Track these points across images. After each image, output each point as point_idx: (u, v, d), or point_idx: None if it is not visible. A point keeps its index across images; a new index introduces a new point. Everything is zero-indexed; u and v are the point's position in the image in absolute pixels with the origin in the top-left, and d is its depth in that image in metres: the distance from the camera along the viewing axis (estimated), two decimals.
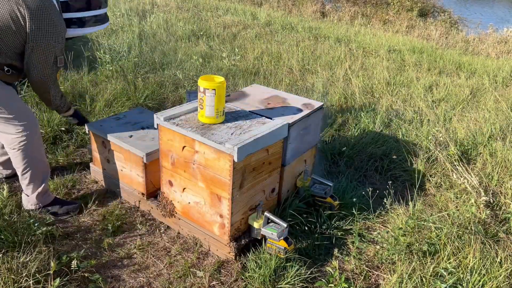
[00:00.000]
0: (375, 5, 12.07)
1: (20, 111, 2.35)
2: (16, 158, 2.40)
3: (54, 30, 2.21)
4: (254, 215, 2.31)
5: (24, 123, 2.34)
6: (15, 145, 2.36)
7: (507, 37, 9.44)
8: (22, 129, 2.33)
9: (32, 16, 2.14)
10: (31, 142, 2.38)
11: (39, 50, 2.21)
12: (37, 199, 2.48)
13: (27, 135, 2.35)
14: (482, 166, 3.46)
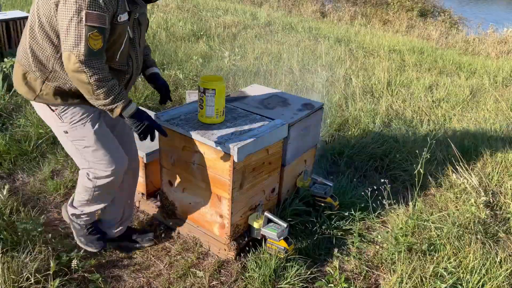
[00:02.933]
0: (375, 5, 12.07)
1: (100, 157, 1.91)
2: (78, 188, 2.02)
3: None
4: (254, 215, 2.31)
5: (98, 172, 1.93)
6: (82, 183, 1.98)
7: (507, 37, 9.44)
8: (91, 174, 1.94)
9: None
10: (100, 189, 1.98)
11: (61, 4, 1.56)
12: (77, 209, 2.08)
13: (97, 186, 1.96)
14: (482, 166, 3.46)
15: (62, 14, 1.56)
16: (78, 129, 1.85)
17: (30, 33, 1.71)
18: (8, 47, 4.31)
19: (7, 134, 3.28)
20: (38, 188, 2.84)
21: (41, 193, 2.80)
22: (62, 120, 1.83)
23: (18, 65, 1.80)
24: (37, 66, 1.74)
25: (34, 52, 1.72)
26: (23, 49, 1.77)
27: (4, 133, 3.28)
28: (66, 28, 1.56)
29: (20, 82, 1.79)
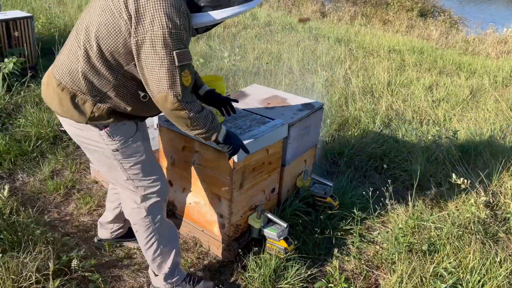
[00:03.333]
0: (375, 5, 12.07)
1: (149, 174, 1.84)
2: (136, 233, 1.93)
3: (166, 11, 1.45)
4: (254, 215, 2.31)
5: (148, 193, 1.85)
6: (134, 218, 1.89)
7: (507, 37, 9.43)
8: (143, 199, 1.85)
9: (129, 1, 1.47)
10: (153, 215, 1.89)
11: (146, 46, 1.48)
12: (165, 281, 1.96)
13: (148, 208, 1.87)
14: (482, 166, 3.46)
15: (149, 56, 1.50)
16: (130, 146, 1.75)
17: (85, 59, 1.57)
18: (8, 47, 4.31)
19: (7, 134, 3.28)
20: (38, 188, 2.84)
21: (41, 193, 2.80)
22: (112, 138, 1.71)
23: (62, 88, 1.64)
24: (89, 91, 1.62)
25: (88, 78, 1.60)
26: (71, 72, 1.61)
27: (4, 133, 3.28)
28: (158, 71, 1.51)
29: (69, 107, 1.64)
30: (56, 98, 1.66)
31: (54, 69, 1.68)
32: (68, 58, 1.62)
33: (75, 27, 1.66)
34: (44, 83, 1.73)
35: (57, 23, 6.53)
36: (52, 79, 1.67)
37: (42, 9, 7.19)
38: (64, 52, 1.67)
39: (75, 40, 1.62)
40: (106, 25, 1.51)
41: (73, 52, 1.61)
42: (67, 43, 1.68)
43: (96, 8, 1.56)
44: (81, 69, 1.59)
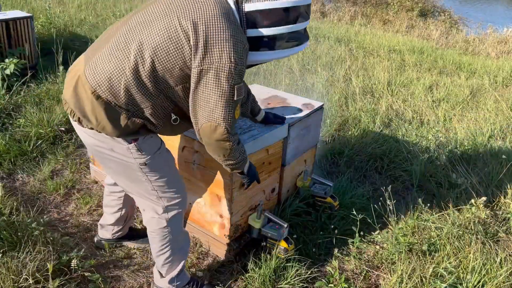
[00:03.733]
0: (375, 5, 12.07)
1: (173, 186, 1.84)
2: (152, 239, 1.92)
3: (233, 46, 1.48)
4: (254, 215, 2.31)
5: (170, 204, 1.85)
6: (152, 226, 1.88)
7: (507, 37, 9.44)
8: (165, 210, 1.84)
9: (199, 29, 1.47)
10: (172, 225, 1.88)
11: (210, 76, 1.49)
12: (170, 284, 1.98)
13: (169, 219, 1.86)
14: (482, 166, 3.46)
15: (210, 86, 1.50)
16: (157, 158, 1.73)
17: (133, 73, 1.52)
18: (8, 47, 4.31)
19: (7, 134, 3.28)
20: (38, 188, 2.84)
21: (41, 193, 2.80)
22: (141, 152, 1.67)
23: (96, 96, 1.55)
24: (127, 104, 1.57)
25: (130, 92, 1.54)
26: (112, 82, 1.53)
27: (4, 133, 3.28)
28: (215, 101, 1.52)
29: (102, 117, 1.57)
30: (89, 105, 1.57)
31: (89, 73, 1.56)
32: (110, 67, 1.54)
33: (119, 35, 1.57)
34: (70, 83, 1.61)
35: (57, 23, 6.54)
36: (86, 83, 1.56)
37: (42, 9, 7.19)
38: (103, 58, 1.56)
39: (122, 50, 1.53)
40: (167, 47, 1.49)
41: (118, 63, 1.53)
42: (107, 48, 1.57)
43: (154, 26, 1.51)
44: (125, 82, 1.53)
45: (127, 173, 1.75)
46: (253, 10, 1.55)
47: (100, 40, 1.67)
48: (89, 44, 5.47)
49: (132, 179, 1.76)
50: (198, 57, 1.48)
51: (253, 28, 1.58)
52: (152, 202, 1.82)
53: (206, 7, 1.50)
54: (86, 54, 1.67)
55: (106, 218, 2.29)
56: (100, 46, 1.62)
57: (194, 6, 1.50)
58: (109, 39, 1.61)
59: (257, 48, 1.61)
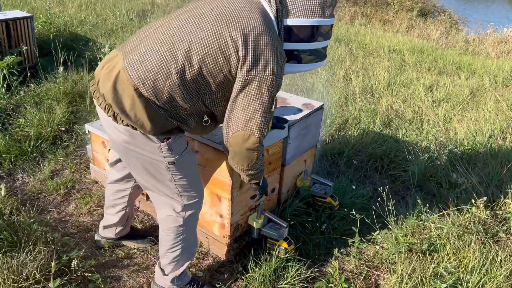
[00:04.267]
0: (375, 5, 12.07)
1: (194, 186, 1.86)
2: (165, 236, 1.94)
3: (275, 60, 1.57)
4: (254, 215, 2.31)
5: (190, 203, 1.87)
6: (167, 224, 1.91)
7: (507, 37, 9.43)
8: (184, 208, 1.86)
9: (248, 41, 1.53)
10: (188, 224, 1.91)
11: (254, 85, 1.56)
12: (172, 283, 1.99)
13: (186, 217, 1.88)
14: (482, 166, 3.46)
15: (251, 95, 1.58)
16: (185, 157, 1.76)
17: (179, 76, 1.55)
18: (8, 47, 4.31)
19: (7, 134, 3.28)
20: (38, 188, 2.84)
21: (41, 193, 2.81)
22: (171, 150, 1.70)
23: (139, 94, 1.57)
24: (167, 104, 1.60)
25: (173, 93, 1.58)
26: (156, 82, 1.56)
27: (4, 133, 3.28)
28: (254, 110, 1.59)
29: (142, 115, 1.58)
30: (129, 101, 1.58)
31: (131, 70, 1.57)
32: (155, 67, 1.55)
33: (164, 34, 1.58)
34: (108, 77, 1.60)
35: (57, 23, 6.54)
36: (127, 80, 1.57)
37: (42, 9, 7.19)
38: (148, 57, 1.57)
39: (169, 52, 1.55)
40: (216, 55, 1.54)
41: (165, 64, 1.55)
42: (151, 47, 1.58)
43: (203, 33, 1.55)
44: (170, 84, 1.56)
45: (152, 171, 1.76)
46: (292, 25, 1.64)
47: (140, 37, 1.67)
48: (89, 44, 5.48)
49: (156, 177, 1.78)
50: (244, 68, 1.55)
51: (289, 42, 1.67)
52: (172, 199, 1.84)
53: (255, 22, 1.56)
54: (124, 48, 1.66)
55: (109, 218, 2.28)
56: (141, 43, 1.63)
57: (243, 18, 1.56)
58: (150, 37, 1.62)
59: (287, 60, 1.69)
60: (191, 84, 1.58)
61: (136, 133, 1.65)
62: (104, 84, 1.62)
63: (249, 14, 1.57)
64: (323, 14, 1.68)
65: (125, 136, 1.67)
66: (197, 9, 1.63)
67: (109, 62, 1.66)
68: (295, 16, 1.64)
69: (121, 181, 2.16)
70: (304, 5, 1.65)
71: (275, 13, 1.63)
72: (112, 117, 1.63)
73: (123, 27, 6.61)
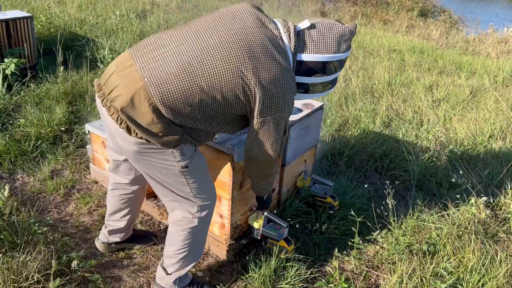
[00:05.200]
0: (375, 5, 12.07)
1: (207, 187, 1.90)
2: (177, 237, 1.93)
3: (289, 97, 1.68)
4: (254, 215, 2.31)
5: (205, 204, 1.88)
6: (182, 225, 1.90)
7: (507, 37, 9.43)
8: (200, 209, 1.88)
9: (265, 92, 1.61)
10: (202, 225, 1.92)
11: (271, 124, 1.69)
12: (174, 283, 2.00)
13: (201, 218, 1.89)
14: (482, 166, 3.46)
15: (270, 131, 1.71)
16: (196, 160, 1.78)
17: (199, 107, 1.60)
18: (8, 47, 4.31)
19: (7, 134, 3.28)
20: (38, 188, 2.84)
21: (41, 193, 2.81)
22: (184, 154, 1.71)
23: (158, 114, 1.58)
24: (184, 124, 1.64)
25: (192, 119, 1.63)
26: (177, 106, 1.58)
27: (4, 133, 3.28)
28: (272, 142, 1.75)
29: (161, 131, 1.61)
30: (148, 119, 1.58)
31: (153, 90, 1.55)
32: (179, 93, 1.57)
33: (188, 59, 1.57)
34: (126, 91, 1.58)
35: (57, 23, 6.53)
36: (148, 99, 1.56)
37: (42, 9, 7.19)
38: (174, 82, 1.56)
39: (194, 82, 1.57)
40: (235, 94, 1.60)
41: (189, 92, 1.57)
42: (177, 71, 1.57)
43: (223, 71, 1.57)
44: (191, 109, 1.60)
45: (166, 176, 1.77)
46: (308, 60, 1.71)
47: (156, 49, 1.63)
48: (89, 44, 5.48)
49: (170, 182, 1.79)
50: (264, 111, 1.65)
51: (301, 75, 1.74)
52: (187, 201, 1.85)
53: (271, 66, 1.61)
54: (139, 60, 1.62)
55: (115, 225, 2.24)
56: (159, 59, 1.59)
57: (261, 58, 1.60)
58: (169, 54, 1.60)
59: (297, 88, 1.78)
60: (211, 111, 1.64)
61: (149, 144, 1.65)
62: (119, 96, 1.59)
63: (268, 55, 1.61)
64: (338, 50, 1.73)
65: (137, 147, 1.67)
66: (220, 31, 1.62)
67: (123, 69, 1.62)
68: (310, 52, 1.70)
69: (126, 186, 2.13)
70: (321, 41, 1.71)
71: (292, 49, 1.68)
72: (125, 129, 1.62)
73: (123, 27, 6.61)
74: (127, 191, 2.14)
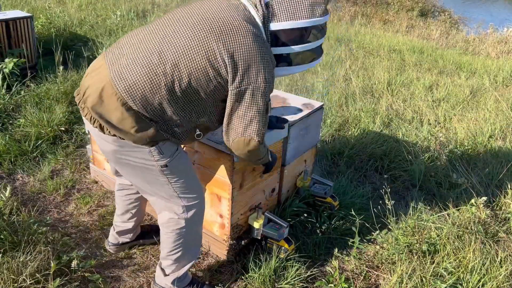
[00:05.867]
0: (375, 5, 12.07)
1: (192, 186, 1.86)
2: (167, 239, 1.91)
3: (265, 68, 1.58)
4: (254, 215, 2.31)
5: (190, 204, 1.85)
6: (170, 227, 1.88)
7: (507, 37, 9.43)
8: (185, 210, 1.84)
9: (237, 54, 1.53)
10: (190, 225, 1.88)
11: (247, 95, 1.58)
12: (172, 284, 1.98)
13: (188, 219, 1.85)
14: (482, 166, 3.46)
15: (247, 104, 1.59)
16: (176, 159, 1.74)
17: (168, 90, 1.55)
18: (8, 47, 4.31)
19: (7, 134, 3.28)
20: (38, 188, 2.84)
21: (41, 193, 2.81)
22: (163, 153, 1.67)
23: (127, 108, 1.56)
24: (157, 117, 1.60)
25: (164, 107, 1.58)
26: (145, 96, 1.55)
27: (4, 133, 3.28)
28: (251, 118, 1.61)
29: (131, 128, 1.58)
30: (117, 115, 1.56)
31: (119, 84, 1.54)
32: (144, 81, 1.54)
33: (149, 46, 1.57)
34: (94, 90, 1.58)
35: (57, 23, 6.54)
36: (114, 94, 1.55)
37: (42, 9, 7.20)
38: (135, 70, 1.55)
39: (157, 65, 1.54)
40: (205, 70, 1.54)
41: (153, 78, 1.54)
42: (137, 59, 1.56)
43: (191, 47, 1.53)
44: (160, 97, 1.55)
45: (147, 177, 1.75)
46: (278, 29, 1.63)
47: (126, 44, 1.64)
48: (89, 44, 5.48)
49: (152, 182, 1.76)
50: (236, 80, 1.55)
51: (277, 46, 1.66)
52: (171, 202, 1.82)
53: (242, 34, 1.54)
54: (109, 57, 1.63)
55: (123, 226, 2.24)
56: (126, 53, 1.60)
57: (231, 31, 1.54)
58: (136, 47, 1.60)
59: (277, 64, 1.69)
60: (181, 96, 1.57)
61: (124, 142, 1.63)
62: (89, 95, 1.59)
63: (236, 25, 1.55)
64: (313, 14, 1.66)
65: (114, 146, 1.65)
66: (185, 18, 1.60)
67: (94, 71, 1.63)
68: (281, 20, 1.62)
69: (130, 185, 2.13)
70: (291, 7, 1.62)
71: (261, 18, 1.62)
72: (98, 128, 1.62)
73: (123, 27, 6.60)
74: (132, 190, 2.15)
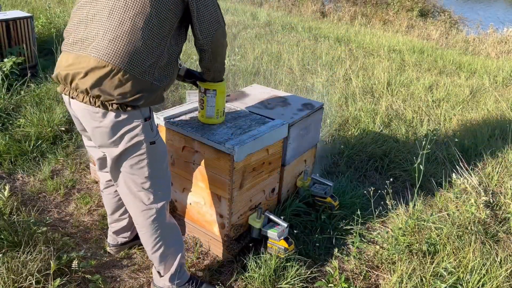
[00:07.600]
0: (375, 5, 12.07)
1: (163, 174, 1.89)
2: (144, 234, 1.92)
3: None
4: (254, 215, 2.31)
5: (158, 195, 1.87)
6: (142, 221, 1.89)
7: (507, 37, 9.43)
8: (155, 199, 1.86)
9: None
10: (161, 214, 1.89)
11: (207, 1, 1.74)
12: (170, 282, 1.98)
13: (159, 207, 1.87)
14: (482, 166, 3.46)
15: (206, 2, 1.73)
16: (160, 140, 1.83)
17: (144, 36, 1.62)
18: (8, 47, 4.31)
19: (7, 134, 3.28)
20: (38, 188, 2.84)
21: (41, 193, 2.81)
22: (152, 130, 1.76)
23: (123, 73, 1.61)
24: (148, 67, 1.66)
25: (148, 54, 1.64)
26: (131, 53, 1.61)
27: (4, 133, 3.28)
28: (214, 11, 1.76)
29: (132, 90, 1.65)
30: (114, 82, 1.61)
31: (104, 56, 1.59)
32: (122, 41, 1.60)
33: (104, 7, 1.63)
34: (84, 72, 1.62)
35: (57, 23, 6.53)
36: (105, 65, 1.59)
37: (42, 9, 7.20)
38: (109, 35, 1.60)
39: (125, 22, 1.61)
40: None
41: (128, 34, 1.61)
42: (106, 23, 1.62)
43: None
44: (141, 47, 1.62)
45: (131, 158, 1.77)
46: None
47: (80, 23, 1.69)
48: None
49: (132, 165, 1.78)
50: None
51: None
52: (143, 192, 1.83)
53: None
54: (73, 42, 1.68)
55: (117, 224, 2.25)
56: (86, 27, 1.66)
57: None
58: (92, 14, 1.66)
59: None
60: (157, 34, 1.65)
61: (123, 114, 1.68)
62: (82, 79, 1.63)
63: None
64: None
65: (111, 122, 1.69)
66: None
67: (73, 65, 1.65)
68: None
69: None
70: None
71: None
72: (101, 106, 1.65)
73: None
74: None
